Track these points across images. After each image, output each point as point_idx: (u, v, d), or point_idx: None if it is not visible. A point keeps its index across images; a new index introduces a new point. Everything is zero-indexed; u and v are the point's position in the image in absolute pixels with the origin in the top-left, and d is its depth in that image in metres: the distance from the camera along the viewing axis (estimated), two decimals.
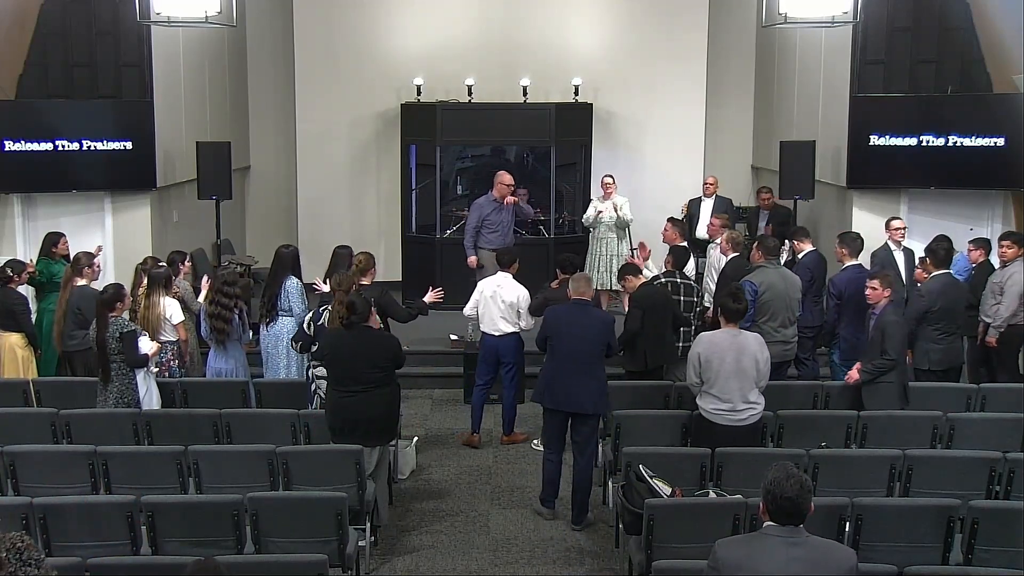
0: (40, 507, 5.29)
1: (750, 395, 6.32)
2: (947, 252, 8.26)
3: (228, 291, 7.77)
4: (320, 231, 12.18)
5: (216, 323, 7.74)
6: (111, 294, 7.07)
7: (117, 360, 6.95)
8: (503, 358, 8.35)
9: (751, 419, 6.33)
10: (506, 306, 8.25)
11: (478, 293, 8.44)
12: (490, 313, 8.32)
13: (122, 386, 6.97)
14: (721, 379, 6.28)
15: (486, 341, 8.43)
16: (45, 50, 10.33)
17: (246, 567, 4.84)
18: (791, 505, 3.68)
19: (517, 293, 8.28)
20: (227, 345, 7.83)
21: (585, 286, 7.05)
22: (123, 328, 6.95)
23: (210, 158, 10.74)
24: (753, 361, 6.29)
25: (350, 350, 6.51)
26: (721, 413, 6.31)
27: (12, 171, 9.83)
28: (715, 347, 6.33)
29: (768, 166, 12.61)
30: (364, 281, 7.92)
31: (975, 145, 9.88)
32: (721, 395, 6.30)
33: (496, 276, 8.49)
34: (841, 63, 10.40)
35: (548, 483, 7.09)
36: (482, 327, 8.44)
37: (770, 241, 8.35)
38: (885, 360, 6.97)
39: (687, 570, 4.72)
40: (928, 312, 7.94)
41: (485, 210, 10.41)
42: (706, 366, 6.32)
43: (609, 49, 13.09)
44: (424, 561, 6.42)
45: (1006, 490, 5.99)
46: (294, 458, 6.10)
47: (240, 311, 7.83)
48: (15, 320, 8.35)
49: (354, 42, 12.98)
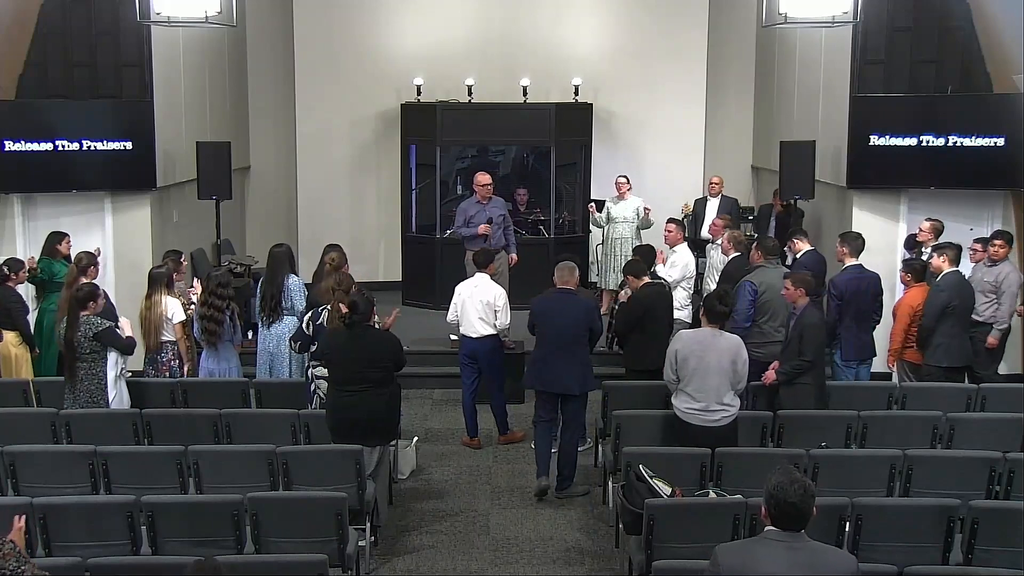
0: (40, 507, 5.29)
1: (725, 397, 6.32)
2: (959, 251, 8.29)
3: (221, 292, 7.78)
4: (320, 231, 12.16)
5: (207, 324, 7.75)
6: (85, 293, 7.09)
7: (87, 360, 6.96)
8: (481, 362, 8.35)
9: (724, 420, 6.33)
10: (483, 305, 8.25)
11: (456, 296, 8.44)
12: (468, 315, 8.32)
13: (91, 386, 6.98)
14: (697, 378, 6.29)
15: (464, 344, 8.43)
16: (45, 50, 10.31)
17: (246, 567, 4.84)
18: (794, 510, 3.68)
19: (494, 292, 8.31)
20: (218, 346, 7.84)
21: (568, 275, 7.35)
22: (97, 328, 6.95)
23: (210, 158, 10.73)
24: (731, 363, 6.30)
25: (351, 349, 6.51)
26: (694, 413, 6.33)
27: (12, 171, 9.81)
28: (693, 345, 6.33)
29: (768, 166, 12.60)
30: None
31: (975, 145, 9.86)
32: (696, 394, 6.31)
33: (473, 278, 8.50)
34: (841, 63, 10.39)
35: (541, 458, 7.35)
36: (461, 330, 8.43)
37: (769, 241, 8.36)
38: (802, 361, 6.94)
39: (687, 570, 4.73)
40: (947, 307, 7.94)
41: (469, 211, 10.41)
42: (683, 364, 6.33)
43: (609, 49, 13.10)
44: (424, 561, 6.42)
45: (1006, 490, 5.99)
46: (294, 458, 6.10)
47: (232, 312, 7.83)
48: (10, 318, 8.35)
49: (354, 42, 12.98)
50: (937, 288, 8.10)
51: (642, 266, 8.22)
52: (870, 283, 8.32)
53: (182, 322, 7.85)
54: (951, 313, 7.98)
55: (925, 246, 8.85)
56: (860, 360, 8.34)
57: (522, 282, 10.08)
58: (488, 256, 8.57)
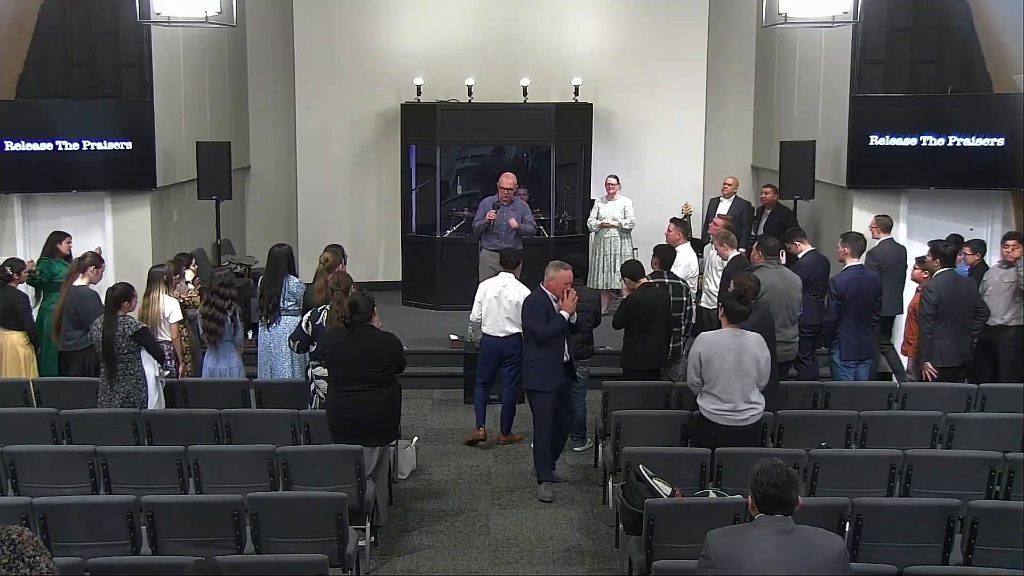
0: (40, 507, 5.28)
1: (751, 395, 6.32)
2: (953, 251, 8.29)
3: (224, 292, 7.77)
4: (320, 231, 12.17)
5: (208, 324, 7.75)
6: (120, 292, 7.04)
7: (125, 360, 6.94)
8: (507, 358, 8.34)
9: (752, 419, 6.33)
10: (512, 306, 8.24)
11: (481, 295, 8.43)
12: (494, 315, 8.31)
13: (129, 386, 6.97)
14: (722, 379, 6.27)
15: (489, 342, 8.40)
16: (45, 50, 10.32)
17: (246, 567, 4.83)
18: (779, 493, 3.74)
19: (522, 293, 8.29)
20: (219, 346, 7.84)
21: (553, 272, 7.46)
22: (134, 327, 6.95)
23: (210, 158, 10.74)
24: (754, 361, 6.29)
25: (351, 349, 6.51)
26: (722, 413, 6.31)
27: (12, 171, 9.82)
28: (716, 347, 6.32)
29: (768, 166, 12.61)
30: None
31: (975, 145, 9.87)
32: (722, 395, 6.30)
33: (499, 277, 8.48)
34: (841, 63, 10.39)
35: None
36: (485, 329, 8.42)
37: (770, 241, 8.34)
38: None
39: (687, 570, 4.72)
40: (938, 307, 7.94)
41: (488, 210, 10.41)
42: (707, 366, 6.31)
43: (609, 49, 13.09)
44: (424, 561, 6.42)
45: (1006, 490, 5.98)
46: (294, 458, 6.10)
47: (234, 312, 7.82)
48: (16, 319, 8.35)
49: (354, 42, 12.98)
50: (927, 289, 8.13)
51: (639, 268, 8.22)
52: (870, 283, 8.32)
53: (179, 322, 7.84)
54: (943, 313, 7.97)
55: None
56: (859, 360, 8.35)
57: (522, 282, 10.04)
58: (517, 256, 8.59)
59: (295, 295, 8.25)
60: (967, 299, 8.18)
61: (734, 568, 3.73)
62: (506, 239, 10.18)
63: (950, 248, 8.30)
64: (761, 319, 6.94)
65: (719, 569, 3.76)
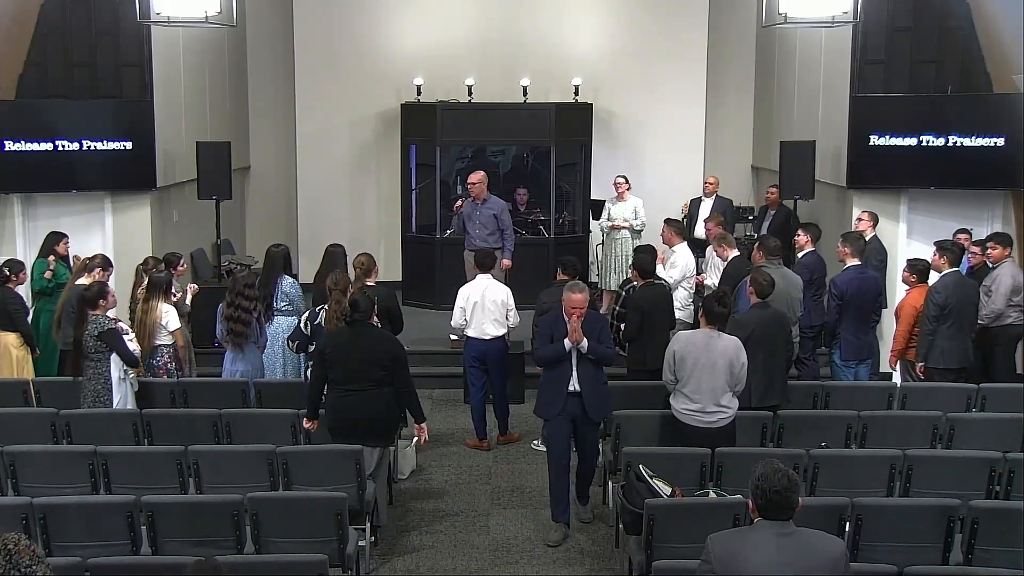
0: (40, 507, 5.28)
1: (722, 398, 6.31)
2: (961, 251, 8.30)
3: (249, 293, 7.67)
4: (320, 231, 12.18)
5: (235, 326, 7.60)
6: (95, 292, 7.07)
7: (93, 359, 6.94)
8: (491, 363, 8.32)
9: (721, 422, 6.32)
10: (496, 306, 8.23)
11: (463, 300, 8.33)
12: (478, 318, 8.27)
13: (97, 386, 6.97)
14: (694, 379, 6.28)
15: (474, 346, 8.35)
16: (45, 50, 10.32)
17: (246, 567, 4.83)
18: (780, 498, 3.73)
19: (504, 292, 8.30)
20: (244, 347, 7.73)
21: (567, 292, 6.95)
22: (102, 326, 6.93)
23: (210, 158, 10.73)
24: (728, 364, 6.28)
25: (352, 348, 6.50)
26: (691, 413, 6.32)
27: (12, 171, 9.82)
28: (691, 346, 6.33)
29: (768, 166, 12.61)
30: (369, 282, 7.93)
31: (975, 145, 9.86)
32: (693, 395, 6.31)
33: (478, 280, 8.41)
34: (841, 63, 10.39)
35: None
36: (469, 332, 8.36)
37: (770, 241, 8.34)
38: None
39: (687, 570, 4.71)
40: (943, 308, 7.92)
41: (464, 210, 10.39)
42: (680, 364, 6.33)
43: (609, 49, 13.10)
44: (424, 561, 6.42)
45: (1006, 490, 5.98)
46: (294, 458, 6.10)
47: (259, 313, 7.78)
48: (11, 320, 8.35)
49: (354, 42, 12.98)
50: (933, 289, 8.10)
51: (651, 265, 8.17)
52: (871, 283, 8.32)
53: (179, 329, 7.77)
54: (948, 314, 7.96)
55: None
56: (859, 360, 8.34)
57: (522, 282, 10.07)
58: (492, 257, 8.56)
59: (289, 295, 8.24)
60: (972, 301, 8.18)
61: (734, 571, 3.73)
62: (479, 239, 10.11)
63: (958, 249, 8.28)
64: (775, 316, 6.98)
65: (719, 572, 3.75)
